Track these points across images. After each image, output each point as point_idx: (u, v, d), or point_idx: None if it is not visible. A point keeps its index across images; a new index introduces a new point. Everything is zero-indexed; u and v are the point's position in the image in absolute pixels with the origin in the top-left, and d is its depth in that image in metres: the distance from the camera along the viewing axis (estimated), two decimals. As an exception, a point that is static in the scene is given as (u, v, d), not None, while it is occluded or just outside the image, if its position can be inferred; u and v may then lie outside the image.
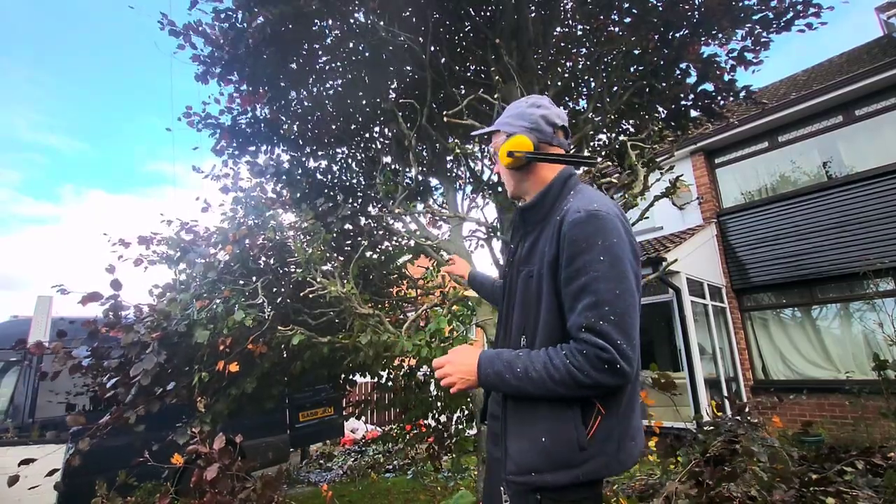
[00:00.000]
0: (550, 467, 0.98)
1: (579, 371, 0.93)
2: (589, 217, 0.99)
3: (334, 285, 2.87)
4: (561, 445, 0.98)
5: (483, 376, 1.03)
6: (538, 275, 1.07)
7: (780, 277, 6.81)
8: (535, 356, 0.99)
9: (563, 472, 0.98)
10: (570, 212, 1.03)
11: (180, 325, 2.99)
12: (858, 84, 6.23)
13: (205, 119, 3.96)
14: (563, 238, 1.01)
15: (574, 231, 0.99)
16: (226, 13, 3.41)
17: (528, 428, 1.03)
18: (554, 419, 1.00)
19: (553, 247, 1.03)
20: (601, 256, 0.96)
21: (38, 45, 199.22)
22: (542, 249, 1.08)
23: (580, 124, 3.78)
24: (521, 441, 1.03)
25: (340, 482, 5.66)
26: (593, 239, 0.97)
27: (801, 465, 2.73)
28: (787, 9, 3.39)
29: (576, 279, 0.97)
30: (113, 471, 3.03)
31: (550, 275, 1.04)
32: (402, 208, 3.61)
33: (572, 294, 0.98)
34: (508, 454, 1.04)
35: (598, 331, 0.93)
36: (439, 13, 3.67)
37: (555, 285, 1.03)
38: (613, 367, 0.92)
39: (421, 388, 4.05)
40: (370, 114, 4.26)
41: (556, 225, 1.05)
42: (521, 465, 1.01)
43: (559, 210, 1.08)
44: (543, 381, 0.96)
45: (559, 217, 1.06)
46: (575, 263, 0.98)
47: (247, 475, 2.45)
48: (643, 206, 3.27)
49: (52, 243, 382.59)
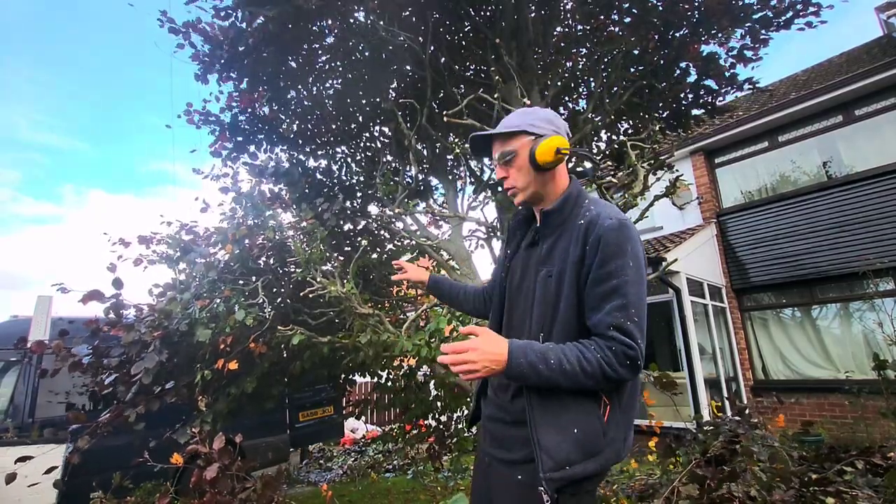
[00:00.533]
0: (583, 457, 1.04)
1: (608, 366, 1.01)
2: (621, 225, 1.07)
3: (334, 285, 2.87)
4: (590, 435, 1.05)
5: (515, 365, 1.01)
6: (558, 274, 1.12)
7: (779, 277, 6.81)
8: (567, 350, 1.03)
9: (592, 462, 1.05)
10: (602, 217, 1.09)
11: (181, 324, 2.99)
12: (858, 84, 6.23)
13: (205, 116, 3.95)
14: (593, 242, 1.07)
15: (609, 236, 1.06)
16: (226, 11, 3.41)
17: (558, 421, 1.06)
18: (581, 411, 1.06)
19: (579, 249, 1.09)
20: (630, 262, 1.05)
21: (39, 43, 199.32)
22: (563, 251, 1.13)
23: (580, 124, 3.78)
24: (555, 435, 1.05)
25: (340, 482, 5.66)
26: (625, 245, 1.06)
27: (800, 465, 2.73)
28: (787, 8, 3.39)
29: (607, 281, 1.05)
30: (113, 470, 3.03)
31: (573, 275, 1.09)
32: (402, 208, 3.61)
33: (601, 294, 1.05)
34: (543, 449, 1.05)
35: (626, 330, 1.02)
36: (439, 13, 3.67)
37: (576, 286, 1.09)
38: (635, 363, 1.02)
39: (421, 388, 4.04)
40: (370, 113, 4.26)
41: (581, 229, 1.11)
42: (558, 460, 1.03)
43: (578, 216, 1.15)
44: (576, 374, 1.01)
45: (582, 222, 1.12)
46: (607, 266, 1.05)
47: (247, 475, 2.45)
48: (643, 206, 3.27)
49: (53, 243, 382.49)
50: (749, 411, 2.79)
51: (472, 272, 3.67)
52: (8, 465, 2.58)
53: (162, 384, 3.12)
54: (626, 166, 3.16)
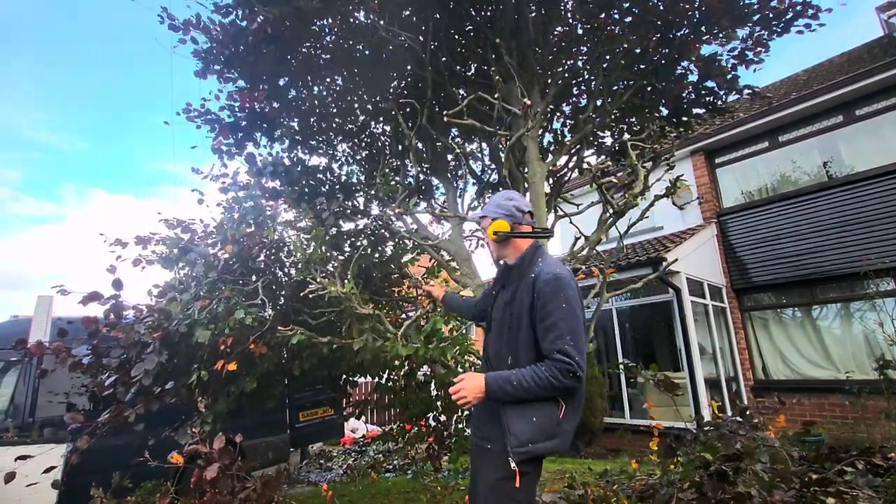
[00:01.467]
0: (542, 438, 1.48)
1: (555, 379, 1.44)
2: (555, 278, 1.55)
3: (334, 285, 2.87)
4: (547, 423, 1.49)
5: (490, 391, 1.50)
6: (518, 315, 1.60)
7: (780, 277, 6.81)
8: (524, 372, 1.48)
9: (550, 442, 1.49)
10: (543, 273, 1.57)
11: (181, 325, 2.98)
12: (859, 84, 6.22)
13: (204, 115, 3.94)
14: (537, 291, 1.55)
15: (546, 287, 1.54)
16: (226, 8, 3.40)
17: (524, 414, 1.50)
18: (541, 406, 1.50)
19: (529, 296, 1.57)
20: (563, 304, 1.51)
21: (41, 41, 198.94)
22: (521, 297, 1.61)
23: (580, 124, 3.77)
24: (521, 423, 1.49)
25: (340, 482, 5.65)
26: (557, 292, 1.52)
27: (801, 465, 2.72)
28: (787, 9, 3.39)
29: (547, 318, 1.51)
30: (112, 471, 3.03)
31: (528, 315, 1.57)
32: (402, 207, 3.61)
33: (545, 328, 1.51)
34: (511, 433, 1.49)
35: (565, 352, 1.45)
36: (440, 13, 3.66)
37: (530, 321, 1.56)
38: (575, 374, 1.45)
39: (421, 388, 4.04)
40: (371, 112, 4.25)
41: (532, 281, 1.58)
42: (521, 440, 1.47)
43: (532, 270, 1.63)
44: (532, 388, 1.45)
45: (533, 275, 1.60)
46: (546, 308, 1.51)
47: (247, 475, 2.45)
48: (643, 205, 3.26)
49: (54, 243, 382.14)
50: (750, 413, 2.78)
51: (472, 272, 3.67)
52: (8, 465, 2.58)
53: (162, 385, 3.11)
54: (626, 166, 3.15)
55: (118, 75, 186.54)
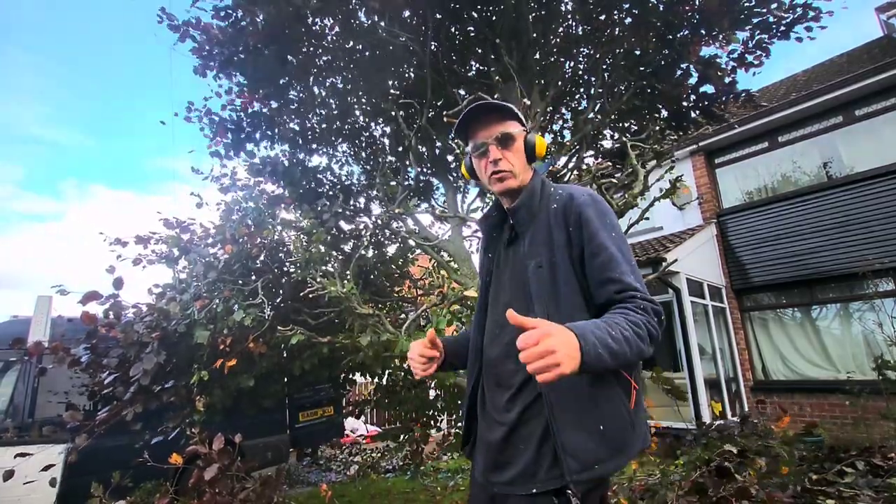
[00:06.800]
0: (610, 452, 0.97)
1: (649, 324, 0.94)
2: (592, 199, 1.11)
3: (334, 285, 2.87)
4: (617, 430, 0.98)
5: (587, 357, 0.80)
6: (550, 262, 1.09)
7: (780, 277, 6.80)
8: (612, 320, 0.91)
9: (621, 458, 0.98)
10: (576, 196, 1.11)
11: (180, 325, 2.99)
12: (858, 84, 6.22)
13: (206, 115, 3.94)
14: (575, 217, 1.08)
15: (588, 210, 1.08)
16: (225, 11, 3.40)
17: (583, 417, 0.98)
18: (607, 401, 0.99)
19: (563, 232, 1.09)
20: (613, 233, 1.07)
21: (46, 37, 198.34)
22: (545, 238, 1.12)
23: (580, 124, 3.77)
24: (579, 433, 0.96)
25: (340, 482, 5.65)
26: (604, 217, 1.09)
27: (801, 466, 2.72)
28: (788, 10, 3.38)
29: (603, 252, 1.03)
30: (112, 470, 3.03)
31: (567, 257, 1.08)
32: (402, 208, 3.61)
33: (602, 264, 1.03)
34: (567, 451, 0.95)
35: (641, 290, 1.00)
36: (440, 13, 3.66)
37: (572, 266, 1.07)
38: (660, 316, 0.98)
39: (421, 387, 4.04)
40: (371, 112, 4.25)
41: (557, 213, 1.11)
42: (585, 461, 0.94)
43: (550, 202, 1.15)
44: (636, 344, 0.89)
45: (556, 206, 1.12)
46: (598, 238, 1.05)
47: (246, 475, 2.45)
48: (643, 205, 3.27)
49: (54, 241, 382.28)
50: (751, 417, 2.78)
51: (472, 272, 3.66)
52: (8, 464, 2.58)
53: (161, 384, 3.11)
54: (626, 166, 3.15)
55: (124, 70, 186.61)
